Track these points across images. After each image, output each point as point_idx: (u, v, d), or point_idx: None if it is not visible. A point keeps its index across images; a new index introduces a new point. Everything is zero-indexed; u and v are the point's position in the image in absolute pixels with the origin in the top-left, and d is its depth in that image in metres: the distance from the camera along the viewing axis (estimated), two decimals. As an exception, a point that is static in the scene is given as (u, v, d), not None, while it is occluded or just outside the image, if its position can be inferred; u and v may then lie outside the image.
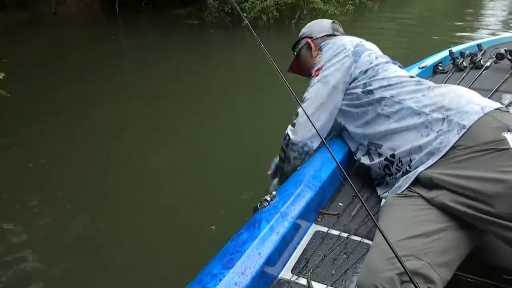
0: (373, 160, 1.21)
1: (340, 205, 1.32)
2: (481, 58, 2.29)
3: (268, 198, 1.24)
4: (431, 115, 1.05)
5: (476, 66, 2.23)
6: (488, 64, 2.23)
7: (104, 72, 4.84)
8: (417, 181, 1.03)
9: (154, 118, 3.62)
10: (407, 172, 1.08)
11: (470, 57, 2.32)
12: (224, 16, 6.89)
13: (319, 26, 1.53)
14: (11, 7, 6.89)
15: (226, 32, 6.82)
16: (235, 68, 5.31)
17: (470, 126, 0.95)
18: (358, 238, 1.16)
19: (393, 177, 1.15)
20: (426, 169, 1.01)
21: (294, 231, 1.16)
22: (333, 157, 0.99)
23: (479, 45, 2.47)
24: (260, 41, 1.36)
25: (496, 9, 10.04)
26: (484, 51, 2.43)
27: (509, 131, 0.91)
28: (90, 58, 5.28)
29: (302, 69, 1.55)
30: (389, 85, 1.18)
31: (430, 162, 1.00)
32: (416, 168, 1.05)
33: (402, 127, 1.10)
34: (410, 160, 1.07)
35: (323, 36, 1.46)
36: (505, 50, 2.18)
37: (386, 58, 1.31)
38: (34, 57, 5.29)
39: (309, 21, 1.62)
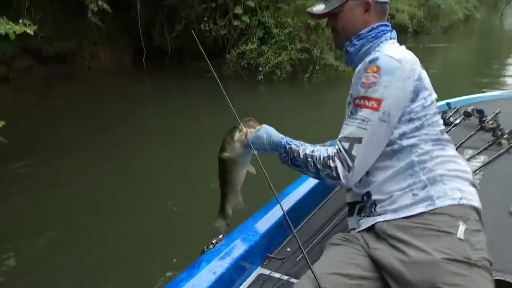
0: (349, 191, 1.20)
1: (288, 250, 1.39)
2: (450, 115, 2.50)
3: (214, 241, 1.32)
4: (420, 178, 1.03)
5: (446, 123, 2.39)
6: (457, 121, 2.42)
7: (127, 119, 5.36)
8: (371, 228, 1.08)
9: (165, 160, 4.05)
10: (369, 215, 1.11)
11: (440, 114, 2.50)
12: (240, 70, 7.31)
13: None
14: (51, 61, 7.70)
15: (243, 84, 7.22)
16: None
17: (440, 207, 1.00)
18: (294, 280, 1.23)
19: (355, 214, 1.18)
20: (384, 221, 1.05)
21: (234, 272, 1.24)
22: (282, 208, 1.09)
23: (448, 104, 2.64)
24: (225, 92, 1.28)
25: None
26: (457, 109, 2.62)
27: (465, 223, 0.97)
28: (117, 107, 5.82)
29: (336, 24, 1.16)
30: (420, 145, 1.05)
31: (390, 217, 1.04)
32: (377, 216, 1.08)
33: (395, 176, 1.06)
34: (378, 207, 1.09)
35: (383, 3, 1.14)
36: (472, 108, 2.38)
37: (435, 107, 1.10)
38: (65, 107, 5.89)
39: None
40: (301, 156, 1.07)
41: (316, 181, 1.62)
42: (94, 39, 7.75)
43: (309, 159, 1.06)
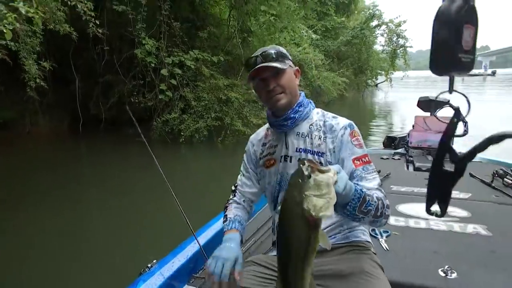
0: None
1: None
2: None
3: (149, 265, 1.50)
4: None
5: None
6: None
7: (61, 182, 6.06)
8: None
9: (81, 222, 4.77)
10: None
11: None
12: (165, 135, 8.60)
13: None
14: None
15: (167, 146, 8.38)
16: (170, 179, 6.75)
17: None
18: None
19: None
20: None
21: None
22: (196, 239, 1.38)
23: None
24: (154, 155, 1.59)
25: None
26: None
27: None
28: (52, 172, 6.68)
29: (284, 82, 1.24)
30: None
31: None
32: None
33: None
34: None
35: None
36: None
37: None
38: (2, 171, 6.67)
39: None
40: (375, 200, 1.07)
41: None
42: (34, 109, 8.75)
43: (380, 202, 1.09)
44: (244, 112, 8.77)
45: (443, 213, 0.67)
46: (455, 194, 2.47)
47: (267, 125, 1.41)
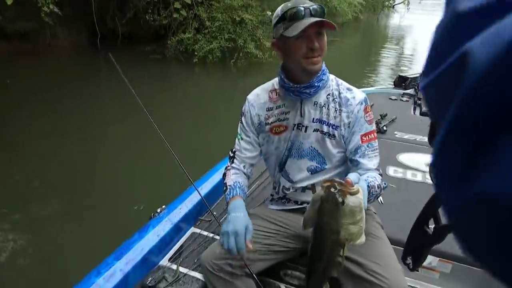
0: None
1: (215, 214, 1.61)
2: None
3: (159, 210, 1.58)
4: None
5: None
6: None
7: (80, 94, 6.49)
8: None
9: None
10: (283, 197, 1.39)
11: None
12: (179, 54, 8.84)
13: None
14: (16, 38, 8.84)
15: (181, 65, 8.66)
16: (178, 95, 7.17)
17: None
18: (218, 237, 1.39)
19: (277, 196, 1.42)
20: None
21: (173, 233, 1.50)
22: (197, 191, 1.42)
23: None
24: (124, 77, 1.62)
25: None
26: None
27: None
28: (73, 83, 7.09)
29: (324, 42, 1.18)
30: None
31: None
32: (289, 197, 1.37)
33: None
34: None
35: None
36: None
37: None
38: (29, 80, 7.16)
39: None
40: (376, 189, 1.11)
41: None
42: (53, 20, 8.89)
43: (379, 189, 1.14)
44: (257, 35, 8.85)
45: (413, 268, 0.63)
46: None
47: (268, 86, 1.35)
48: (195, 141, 4.60)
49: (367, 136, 1.24)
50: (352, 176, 0.91)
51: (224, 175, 1.36)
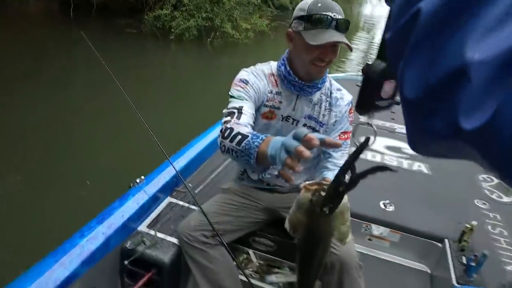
0: None
1: (190, 186, 1.71)
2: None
3: (138, 180, 1.65)
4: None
5: None
6: None
7: (49, 66, 6.16)
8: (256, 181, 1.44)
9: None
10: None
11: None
12: (156, 30, 8.78)
13: None
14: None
15: (158, 42, 8.55)
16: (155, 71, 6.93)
17: None
18: (194, 207, 1.62)
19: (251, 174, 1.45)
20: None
21: (151, 201, 1.59)
22: (173, 166, 1.51)
23: None
24: (96, 51, 1.69)
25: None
26: None
27: None
28: (42, 53, 6.81)
29: (332, 57, 1.19)
30: None
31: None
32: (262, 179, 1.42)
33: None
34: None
35: None
36: None
37: None
38: None
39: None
40: None
41: (209, 142, 2.08)
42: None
43: None
44: (234, 15, 8.90)
45: (330, 213, 0.66)
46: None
47: (266, 69, 1.28)
48: (171, 117, 4.59)
49: (345, 135, 1.32)
50: (331, 177, 0.96)
51: (231, 129, 1.03)
